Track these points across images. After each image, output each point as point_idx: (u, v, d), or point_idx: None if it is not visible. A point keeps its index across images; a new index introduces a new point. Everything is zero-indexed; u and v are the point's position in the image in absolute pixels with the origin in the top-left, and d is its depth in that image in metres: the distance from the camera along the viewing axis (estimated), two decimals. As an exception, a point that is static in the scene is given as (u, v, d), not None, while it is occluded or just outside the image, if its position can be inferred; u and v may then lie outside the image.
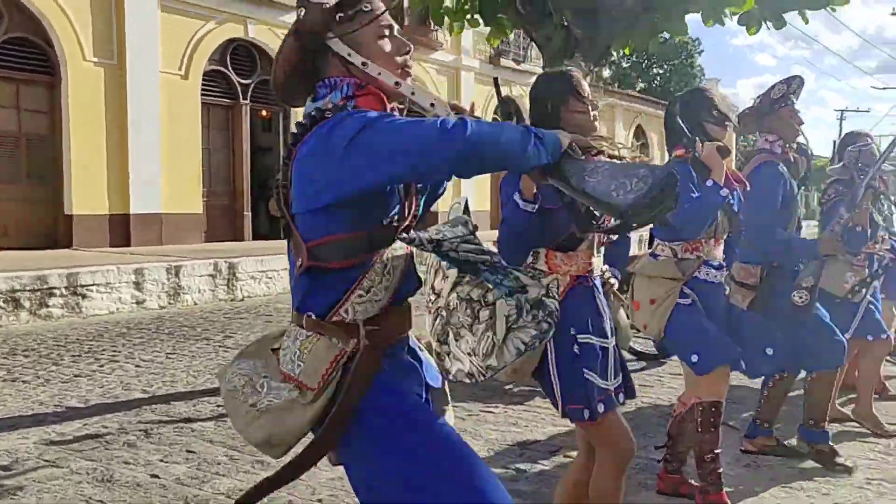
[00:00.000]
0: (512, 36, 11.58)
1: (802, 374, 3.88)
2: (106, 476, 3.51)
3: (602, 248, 2.59)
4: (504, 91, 2.26)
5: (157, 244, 12.23)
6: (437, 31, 16.55)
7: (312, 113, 1.67)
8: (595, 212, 1.93)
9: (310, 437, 1.66)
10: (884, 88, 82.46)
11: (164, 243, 12.35)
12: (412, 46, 1.83)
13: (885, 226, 4.50)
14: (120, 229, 12.05)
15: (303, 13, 1.70)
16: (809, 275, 3.47)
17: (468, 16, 6.97)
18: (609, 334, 2.44)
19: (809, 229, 12.63)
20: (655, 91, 30.92)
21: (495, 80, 2.45)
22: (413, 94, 1.73)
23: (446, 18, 7.13)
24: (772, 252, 3.51)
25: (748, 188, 3.17)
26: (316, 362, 1.64)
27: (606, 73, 31.81)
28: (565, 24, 6.51)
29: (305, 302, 1.69)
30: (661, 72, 33.67)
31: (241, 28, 13.73)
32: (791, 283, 3.49)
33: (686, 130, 2.93)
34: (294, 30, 1.73)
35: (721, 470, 3.07)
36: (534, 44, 7.80)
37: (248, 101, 14.22)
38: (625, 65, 32.40)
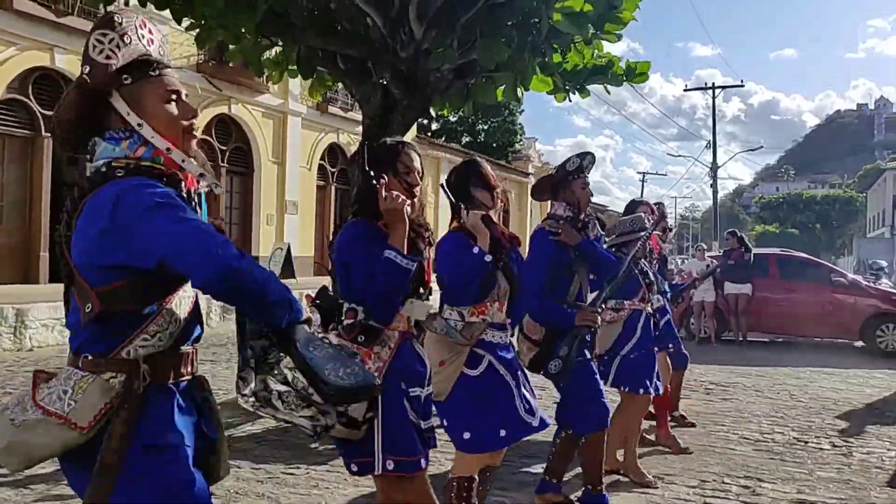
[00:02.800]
0: (340, 84, 11.71)
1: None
2: None
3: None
4: (331, 138, 2.30)
5: (-67, 286, 10.96)
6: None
7: (103, 168, 1.73)
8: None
9: None
10: (678, 156, 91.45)
11: (-60, 285, 11.09)
12: (197, 112, 1.90)
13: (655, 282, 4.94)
14: None
15: (87, 70, 1.74)
16: (565, 345, 3.60)
17: (288, 67, 6.95)
18: (428, 382, 2.63)
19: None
20: (480, 146, 32.26)
21: (363, 144, 2.55)
22: (183, 161, 1.80)
23: (265, 69, 7.07)
24: (535, 315, 3.63)
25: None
26: (90, 401, 1.65)
27: (434, 126, 32.83)
28: (384, 82, 6.67)
29: (86, 345, 1.71)
30: (485, 128, 35.21)
31: (46, 56, 12.82)
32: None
33: (455, 200, 3.12)
34: (77, 84, 1.77)
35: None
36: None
37: (50, 134, 13.21)
38: (452, 119, 33.60)
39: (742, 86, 37.69)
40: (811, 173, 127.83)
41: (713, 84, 36.12)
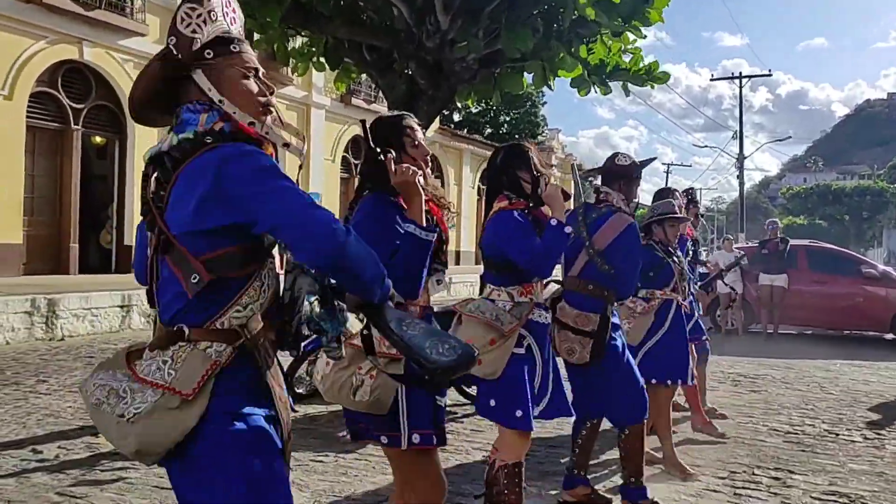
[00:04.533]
0: (364, 76, 11.69)
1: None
2: None
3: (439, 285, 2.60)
4: (355, 130, 2.27)
5: (-33, 276, 11.17)
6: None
7: (190, 137, 1.74)
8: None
9: None
10: (704, 146, 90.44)
11: (-26, 276, 11.30)
12: (275, 88, 1.92)
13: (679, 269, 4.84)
14: (-78, 259, 10.93)
15: (174, 41, 1.76)
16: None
17: (314, 58, 6.97)
18: None
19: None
20: (503, 137, 32.17)
21: (362, 122, 2.53)
22: (267, 133, 1.82)
23: (292, 59, 7.10)
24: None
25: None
26: (190, 370, 1.67)
27: (457, 117, 32.78)
28: (409, 73, 6.67)
29: (181, 315, 1.73)
30: (507, 119, 35.11)
31: (75, 50, 12.98)
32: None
33: (498, 183, 3.13)
34: (162, 55, 1.79)
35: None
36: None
37: (80, 127, 13.39)
38: (474, 110, 33.56)
39: (769, 75, 37.13)
40: (840, 164, 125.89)
41: (740, 73, 35.68)
